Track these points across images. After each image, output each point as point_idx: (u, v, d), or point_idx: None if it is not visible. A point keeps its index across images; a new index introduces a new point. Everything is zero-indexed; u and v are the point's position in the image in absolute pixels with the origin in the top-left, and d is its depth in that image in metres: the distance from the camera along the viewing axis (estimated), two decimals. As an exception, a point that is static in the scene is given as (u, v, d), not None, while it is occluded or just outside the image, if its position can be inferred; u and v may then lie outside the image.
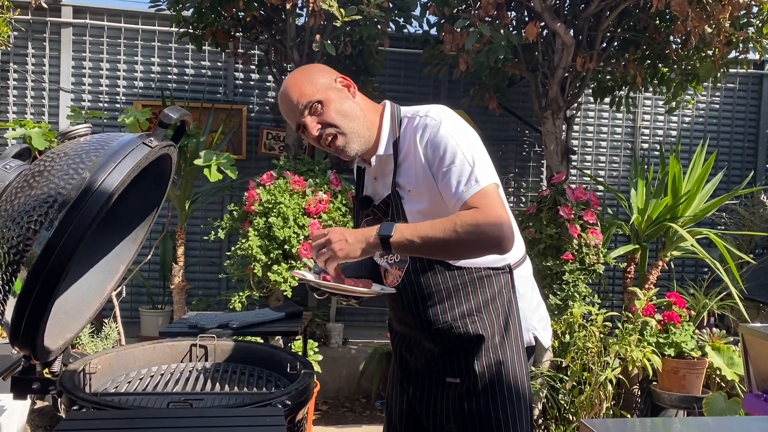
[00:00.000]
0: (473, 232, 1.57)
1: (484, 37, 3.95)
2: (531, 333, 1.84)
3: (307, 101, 1.69)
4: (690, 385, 3.97)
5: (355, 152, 1.76)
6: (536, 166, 6.22)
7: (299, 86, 1.71)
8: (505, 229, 1.59)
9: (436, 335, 1.80)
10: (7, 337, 1.43)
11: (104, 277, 1.85)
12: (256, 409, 1.46)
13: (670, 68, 4.80)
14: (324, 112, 1.70)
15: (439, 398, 1.81)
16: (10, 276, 1.34)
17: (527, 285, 1.86)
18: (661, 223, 4.55)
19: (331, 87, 1.73)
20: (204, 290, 5.64)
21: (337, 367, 4.86)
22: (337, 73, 1.79)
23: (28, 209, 1.35)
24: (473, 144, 1.71)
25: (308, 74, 1.75)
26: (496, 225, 1.58)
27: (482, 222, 1.58)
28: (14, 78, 5.54)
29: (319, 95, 1.70)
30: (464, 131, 1.73)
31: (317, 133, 1.71)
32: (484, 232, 1.58)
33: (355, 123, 1.73)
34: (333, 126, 1.71)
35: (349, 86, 1.78)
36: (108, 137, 1.52)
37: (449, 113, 1.76)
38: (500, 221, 1.59)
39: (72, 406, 1.45)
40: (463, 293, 1.76)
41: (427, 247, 1.61)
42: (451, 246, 1.60)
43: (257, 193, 4.10)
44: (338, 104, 1.72)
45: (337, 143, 1.73)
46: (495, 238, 1.59)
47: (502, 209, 1.63)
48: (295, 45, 4.61)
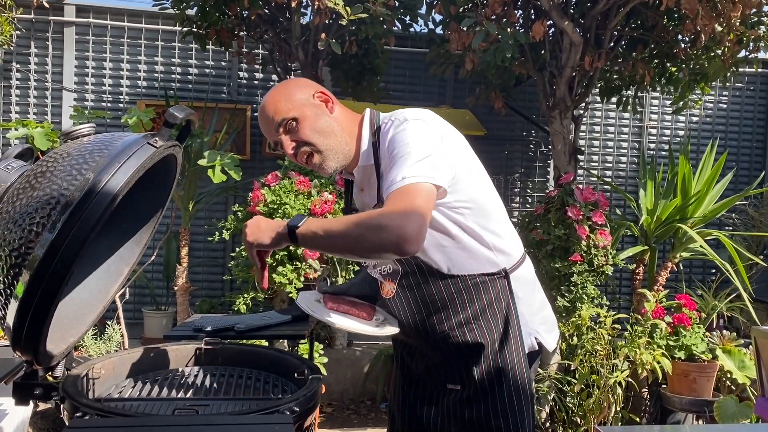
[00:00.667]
0: (373, 228, 1.48)
1: (491, 35, 3.91)
2: (533, 337, 1.79)
3: (281, 119, 1.67)
4: (700, 389, 3.92)
5: (333, 169, 1.73)
6: (542, 166, 6.18)
7: (275, 103, 1.69)
8: (409, 229, 1.46)
9: (435, 344, 1.77)
10: (7, 340, 1.39)
11: (108, 279, 1.81)
12: (264, 416, 1.42)
13: (679, 68, 4.75)
14: (299, 130, 1.68)
15: (440, 404, 1.79)
16: (12, 279, 1.31)
17: (527, 287, 1.81)
18: (671, 224, 4.51)
19: (307, 103, 1.70)
20: (208, 291, 5.62)
21: (342, 369, 4.82)
22: (317, 87, 1.76)
23: (31, 211, 1.31)
24: (431, 143, 1.61)
25: (285, 90, 1.72)
26: (399, 224, 1.46)
27: (385, 218, 1.48)
28: (17, 77, 5.52)
29: (294, 112, 1.67)
30: (426, 130, 1.63)
31: (292, 151, 1.69)
32: (383, 228, 1.47)
33: (331, 140, 1.70)
34: (308, 144, 1.68)
35: (327, 101, 1.74)
36: (112, 137, 1.48)
37: (423, 114, 1.69)
38: (405, 220, 1.46)
39: (75, 413, 1.41)
40: (459, 302, 1.71)
41: (330, 241, 1.55)
42: (350, 241, 1.52)
43: (262, 193, 4.06)
44: (313, 121, 1.69)
45: (313, 161, 1.70)
46: (393, 237, 1.46)
47: (416, 207, 1.49)
48: (300, 44, 4.57)
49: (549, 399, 4.01)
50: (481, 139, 5.78)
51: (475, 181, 1.73)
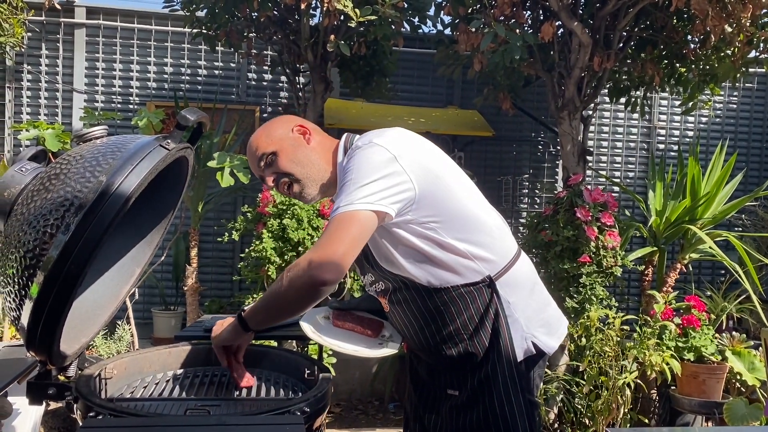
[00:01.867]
0: (291, 274, 1.56)
1: (500, 37, 3.91)
2: (529, 341, 1.75)
3: (261, 153, 1.77)
4: (710, 390, 3.91)
5: (312, 197, 1.80)
6: (551, 167, 6.17)
7: (257, 141, 1.80)
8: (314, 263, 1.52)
9: (431, 355, 1.81)
10: (21, 340, 1.41)
11: (120, 280, 1.82)
12: (275, 417, 1.42)
13: (688, 68, 4.74)
14: (278, 162, 1.76)
15: (441, 408, 1.81)
16: (26, 280, 1.32)
17: (520, 290, 1.77)
18: (680, 225, 4.49)
19: (285, 137, 1.78)
20: (217, 292, 5.64)
21: (350, 369, 4.83)
22: (296, 121, 1.83)
23: (45, 213, 1.32)
24: (377, 167, 1.60)
25: (267, 128, 1.82)
26: (306, 262, 1.54)
27: (299, 261, 1.56)
28: (28, 79, 5.56)
29: (273, 147, 1.76)
30: (376, 154, 1.63)
31: (272, 183, 1.78)
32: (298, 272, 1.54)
33: (308, 168, 1.77)
34: (286, 174, 1.76)
35: (305, 133, 1.81)
36: (125, 139, 1.50)
37: (387, 135, 1.70)
38: (309, 258, 1.53)
39: (88, 413, 1.42)
40: (447, 314, 1.72)
41: (268, 310, 1.65)
42: (280, 300, 1.60)
43: (271, 194, 4.08)
44: (291, 153, 1.76)
45: (293, 190, 1.78)
46: (305, 280, 1.53)
47: (332, 239, 1.54)
48: (309, 45, 4.58)
49: (557, 400, 4.01)
50: (489, 140, 5.79)
51: (446, 194, 1.69)
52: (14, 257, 1.34)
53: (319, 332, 1.78)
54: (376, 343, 1.81)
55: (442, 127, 5.36)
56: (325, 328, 1.80)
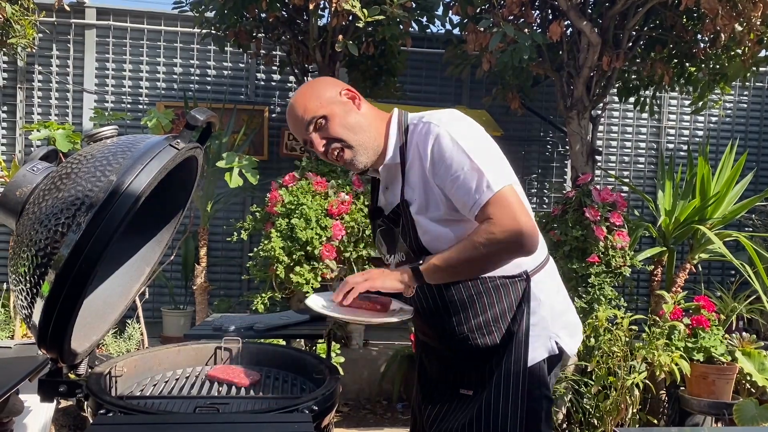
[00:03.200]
0: (491, 244, 1.58)
1: (508, 37, 3.91)
2: (553, 341, 1.76)
3: (311, 117, 1.69)
4: (719, 391, 3.89)
5: (364, 165, 1.75)
6: (559, 166, 6.15)
7: (304, 102, 1.71)
8: (524, 231, 1.58)
9: (452, 345, 1.78)
10: (32, 337, 1.42)
11: (130, 278, 1.84)
12: (284, 415, 1.43)
13: (698, 67, 4.71)
14: (329, 127, 1.70)
15: (447, 408, 1.79)
16: (38, 279, 1.33)
17: (549, 290, 1.79)
18: (689, 225, 4.47)
19: (335, 101, 1.72)
20: (226, 291, 5.66)
21: (358, 368, 4.83)
22: (342, 85, 1.78)
23: (56, 212, 1.34)
24: (482, 147, 1.67)
25: (313, 89, 1.74)
26: (514, 231, 1.57)
27: (498, 231, 1.57)
28: (39, 80, 5.60)
29: (323, 110, 1.69)
30: (472, 135, 1.69)
31: (323, 148, 1.72)
32: (501, 240, 1.57)
33: (361, 135, 1.72)
34: (338, 140, 1.71)
35: (354, 98, 1.76)
36: (135, 139, 1.51)
37: (457, 116, 1.72)
38: (517, 226, 1.57)
39: (99, 410, 1.44)
40: (479, 304, 1.72)
41: (454, 269, 1.64)
42: (475, 263, 1.62)
43: (280, 194, 4.09)
44: (343, 118, 1.70)
45: (344, 157, 1.72)
46: (516, 245, 1.59)
47: (518, 211, 1.60)
48: (317, 45, 4.59)
49: (566, 400, 4.00)
50: (497, 140, 5.74)
51: None
52: (26, 256, 1.35)
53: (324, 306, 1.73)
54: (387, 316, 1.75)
55: (450, 127, 5.35)
56: (333, 307, 1.74)
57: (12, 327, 4.33)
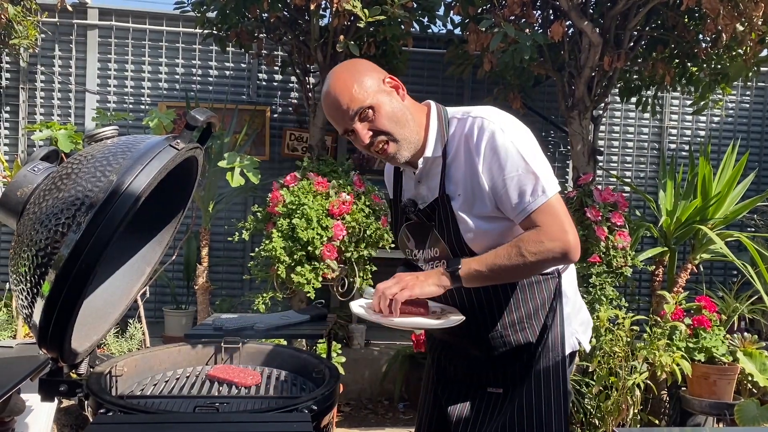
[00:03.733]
0: (540, 253, 1.58)
1: (509, 36, 3.91)
2: (575, 337, 1.80)
3: (358, 107, 1.61)
4: (721, 392, 3.89)
5: (405, 159, 1.69)
6: (561, 166, 6.15)
7: (349, 90, 1.61)
8: (571, 242, 1.59)
9: (484, 344, 1.76)
10: (34, 337, 1.42)
11: (130, 278, 1.84)
12: (283, 414, 1.44)
13: (700, 68, 4.71)
14: (375, 119, 1.63)
15: (477, 408, 1.78)
16: (38, 278, 1.34)
17: (573, 287, 1.84)
18: (691, 225, 4.47)
19: (380, 90, 1.65)
20: (227, 291, 5.66)
21: (360, 368, 4.84)
22: (384, 72, 1.71)
23: (56, 212, 1.34)
24: (534, 149, 1.65)
25: (357, 76, 1.64)
26: (562, 241, 1.58)
27: (547, 241, 1.58)
28: (41, 80, 5.61)
29: (371, 100, 1.61)
30: (526, 137, 1.67)
31: (369, 140, 1.64)
32: (551, 250, 1.58)
33: (406, 129, 1.66)
34: (385, 133, 1.64)
35: (398, 87, 1.70)
36: (135, 139, 1.51)
37: (505, 115, 1.69)
38: (565, 236, 1.58)
39: (99, 409, 1.44)
40: (513, 301, 1.72)
41: (496, 275, 1.62)
42: (520, 270, 1.61)
43: (281, 194, 4.10)
44: (389, 109, 1.64)
45: (388, 150, 1.66)
46: (562, 255, 1.59)
47: (566, 221, 1.61)
48: (318, 46, 4.60)
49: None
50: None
51: None
52: (26, 255, 1.36)
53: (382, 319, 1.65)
54: (435, 318, 1.70)
55: (451, 127, 5.35)
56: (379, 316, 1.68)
57: (14, 327, 4.34)
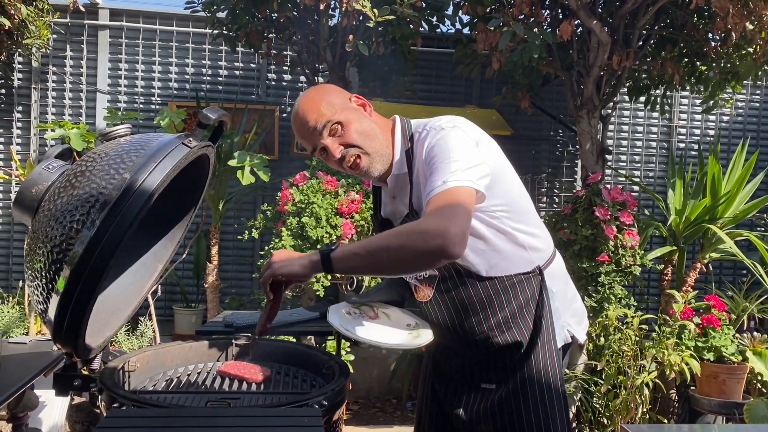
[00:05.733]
0: (414, 234, 1.46)
1: (518, 36, 3.91)
2: (566, 330, 1.81)
3: (326, 121, 1.64)
4: (730, 391, 3.88)
5: (379, 172, 1.71)
6: (570, 166, 6.14)
7: (317, 107, 1.65)
8: (452, 230, 1.44)
9: (473, 345, 1.78)
10: (47, 334, 1.45)
11: (142, 275, 1.86)
12: (294, 409, 1.45)
13: (709, 66, 4.70)
14: (345, 133, 1.65)
15: (473, 403, 1.79)
16: (53, 274, 1.36)
17: (559, 281, 1.83)
18: (700, 224, 4.46)
19: (347, 107, 1.69)
20: (237, 289, 5.69)
21: (368, 367, 4.85)
22: (348, 92, 1.76)
23: (71, 209, 1.36)
24: (468, 150, 1.60)
25: (324, 95, 1.69)
26: (443, 226, 1.44)
27: (427, 222, 1.47)
28: (53, 80, 5.65)
29: (339, 116, 1.65)
30: (463, 138, 1.63)
31: (340, 154, 1.66)
32: (425, 232, 1.45)
33: (375, 142, 1.68)
34: (355, 147, 1.66)
35: (365, 105, 1.74)
36: (148, 138, 1.53)
37: (459, 121, 1.68)
38: (448, 222, 1.45)
39: (112, 404, 1.46)
40: (497, 302, 1.73)
41: (369, 258, 1.51)
42: (391, 253, 1.49)
43: (290, 193, 4.12)
44: (358, 124, 1.67)
45: (360, 164, 1.68)
46: (438, 240, 1.44)
47: (459, 209, 1.48)
48: (328, 45, 4.62)
49: (575, 399, 4.00)
50: (507, 139, 5.76)
51: (510, 183, 1.74)
52: (41, 252, 1.38)
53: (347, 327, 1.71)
54: (406, 332, 1.76)
55: (460, 127, 5.35)
56: (352, 321, 1.74)
57: (27, 324, 4.38)
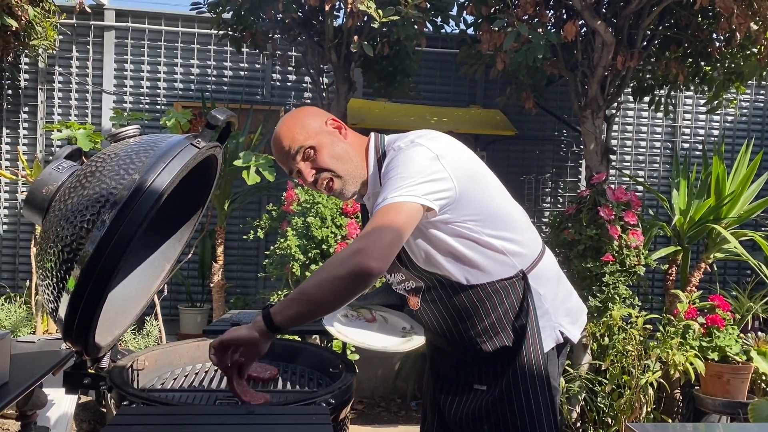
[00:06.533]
0: (333, 264, 1.48)
1: (522, 36, 3.92)
2: (557, 331, 1.80)
3: (298, 147, 1.68)
4: (734, 390, 3.88)
5: (352, 193, 1.74)
6: (574, 166, 6.15)
7: (291, 132, 1.70)
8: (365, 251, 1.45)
9: (463, 349, 1.81)
10: (54, 333, 1.46)
11: (151, 275, 1.88)
12: (302, 408, 1.46)
13: (713, 67, 4.70)
14: (317, 157, 1.69)
15: (466, 403, 1.81)
16: (64, 274, 1.37)
17: (548, 283, 1.81)
18: (704, 224, 4.46)
19: (322, 131, 1.71)
20: (242, 289, 5.71)
21: (373, 366, 4.87)
22: (327, 114, 1.78)
23: (81, 209, 1.37)
24: (421, 165, 1.60)
25: (298, 119, 1.73)
26: (353, 250, 1.47)
27: (343, 252, 1.49)
28: (59, 80, 5.68)
29: (311, 140, 1.69)
30: (420, 153, 1.62)
31: (312, 178, 1.70)
32: (347, 257, 1.47)
33: (348, 165, 1.71)
34: (327, 170, 1.70)
35: (340, 128, 1.76)
36: (157, 138, 1.55)
37: (426, 136, 1.69)
38: (359, 247, 1.46)
39: (122, 402, 1.48)
40: (483, 309, 1.74)
41: (306, 298, 1.50)
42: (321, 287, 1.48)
43: (295, 193, 4.14)
44: (330, 148, 1.70)
45: (333, 187, 1.71)
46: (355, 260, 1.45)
47: (387, 224, 1.49)
48: (332, 46, 4.63)
49: (580, 399, 4.00)
50: (512, 139, 5.79)
51: (483, 192, 1.71)
52: (52, 251, 1.39)
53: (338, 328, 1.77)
54: (400, 336, 1.82)
55: (464, 127, 5.38)
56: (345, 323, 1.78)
57: (34, 323, 4.41)
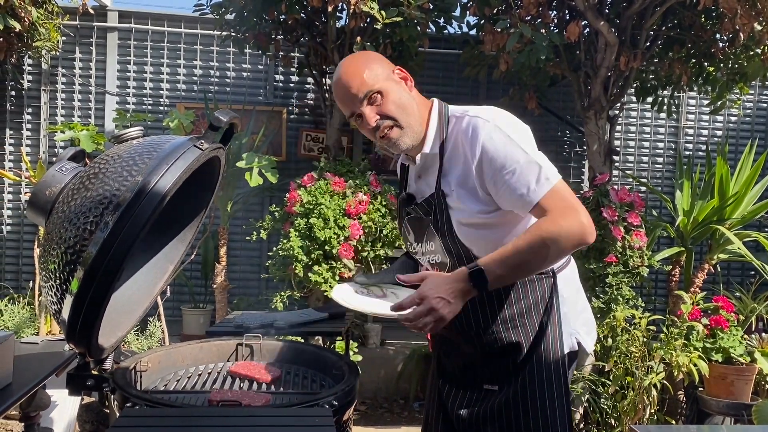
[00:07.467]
0: (560, 235, 1.55)
1: (525, 37, 3.92)
2: (574, 337, 1.79)
3: (367, 91, 1.67)
4: (738, 392, 3.87)
5: (407, 146, 1.73)
6: (577, 167, 6.14)
7: (360, 74, 1.67)
8: (585, 221, 1.57)
9: (476, 340, 1.78)
10: (57, 334, 1.46)
11: (154, 276, 1.88)
12: (305, 409, 1.47)
13: (717, 67, 4.69)
14: (383, 103, 1.68)
15: (475, 404, 1.78)
16: (67, 275, 1.38)
17: (572, 288, 1.82)
18: (708, 225, 4.45)
19: (389, 78, 1.71)
20: (245, 290, 5.71)
21: (376, 367, 4.86)
22: (391, 63, 1.77)
23: (84, 210, 1.38)
24: (532, 143, 1.67)
25: (367, 63, 1.71)
26: (577, 220, 1.56)
27: (562, 221, 1.56)
28: (62, 82, 5.69)
29: (379, 85, 1.67)
30: (521, 130, 1.68)
31: (375, 123, 1.69)
32: (568, 229, 1.55)
33: (411, 118, 1.71)
34: (391, 118, 1.69)
35: (406, 79, 1.76)
36: (160, 140, 1.55)
37: (502, 113, 1.71)
38: (578, 218, 1.57)
39: (125, 403, 1.48)
40: (505, 299, 1.72)
41: (520, 270, 1.60)
42: (542, 259, 1.58)
43: (298, 194, 4.14)
44: (397, 96, 1.70)
45: (391, 135, 1.70)
46: (579, 234, 1.56)
47: (575, 203, 1.60)
48: (335, 47, 4.63)
49: (583, 400, 3.99)
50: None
51: None
52: (56, 253, 1.39)
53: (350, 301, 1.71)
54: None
55: (467, 128, 5.36)
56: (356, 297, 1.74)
57: (37, 324, 4.41)
